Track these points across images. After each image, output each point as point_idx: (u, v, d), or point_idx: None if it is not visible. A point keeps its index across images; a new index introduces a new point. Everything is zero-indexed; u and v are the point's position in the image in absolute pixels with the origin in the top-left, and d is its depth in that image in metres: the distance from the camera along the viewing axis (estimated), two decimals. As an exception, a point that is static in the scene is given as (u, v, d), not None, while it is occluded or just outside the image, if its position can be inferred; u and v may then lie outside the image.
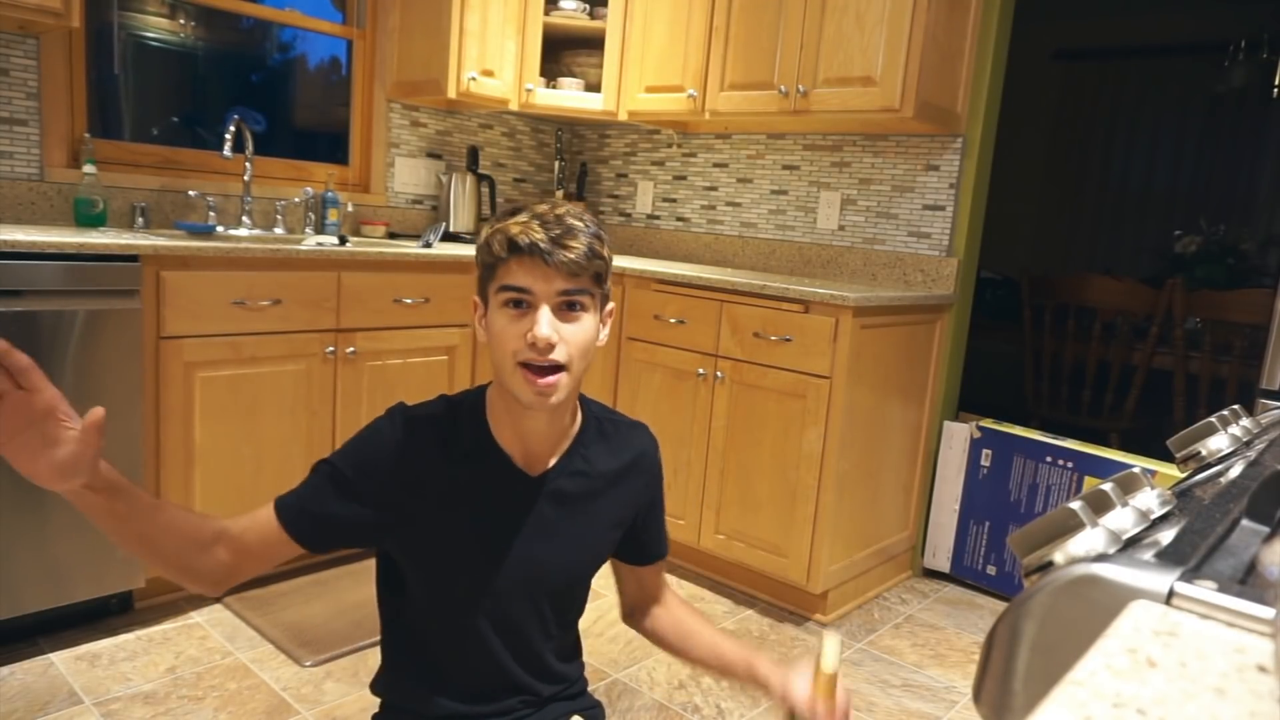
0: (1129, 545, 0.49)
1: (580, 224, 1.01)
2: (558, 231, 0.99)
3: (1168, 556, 0.46)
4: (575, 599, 1.23)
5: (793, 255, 3.26)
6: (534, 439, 1.10)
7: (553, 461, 1.12)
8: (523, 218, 1.00)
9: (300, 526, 1.04)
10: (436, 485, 1.07)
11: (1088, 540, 0.48)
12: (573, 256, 0.98)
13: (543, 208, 1.01)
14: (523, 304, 1.00)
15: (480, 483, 1.09)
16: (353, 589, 2.54)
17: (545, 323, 0.99)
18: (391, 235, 3.26)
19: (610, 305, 1.10)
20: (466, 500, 1.08)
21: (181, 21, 2.96)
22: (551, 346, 0.99)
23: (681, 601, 1.33)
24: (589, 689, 1.31)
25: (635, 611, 1.33)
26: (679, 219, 3.62)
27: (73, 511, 2.06)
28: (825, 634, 1.06)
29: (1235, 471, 0.71)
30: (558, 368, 1.01)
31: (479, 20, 3.06)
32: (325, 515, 1.05)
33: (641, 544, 1.25)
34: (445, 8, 3.00)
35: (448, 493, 1.07)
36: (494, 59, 3.15)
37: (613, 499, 1.18)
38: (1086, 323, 3.50)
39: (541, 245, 0.98)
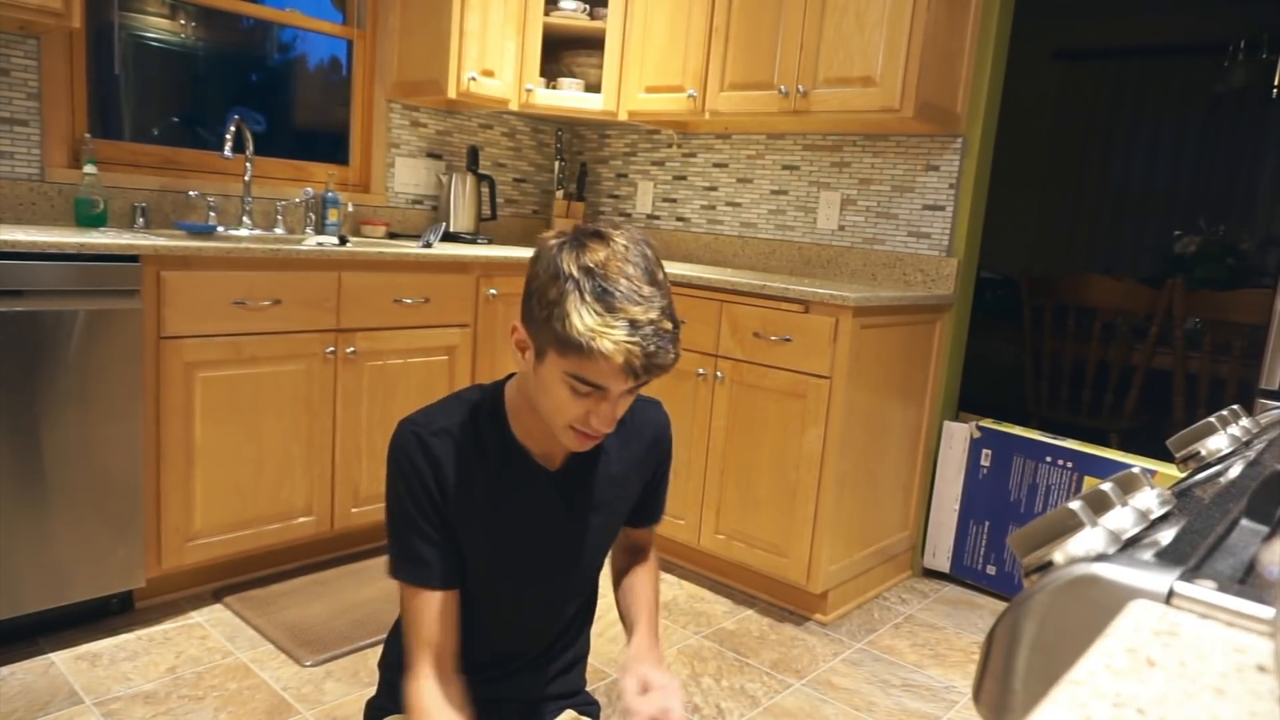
0: (1129, 545, 0.49)
1: (671, 328, 0.97)
2: (653, 348, 0.94)
3: (1167, 556, 0.46)
4: (589, 585, 1.26)
5: (792, 255, 3.26)
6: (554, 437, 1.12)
7: (569, 454, 1.15)
8: (620, 333, 0.93)
9: (451, 577, 1.10)
10: (467, 489, 1.09)
11: (1088, 540, 0.48)
12: (662, 374, 0.98)
13: (636, 310, 0.94)
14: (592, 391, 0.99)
15: (503, 480, 1.11)
16: (353, 589, 2.54)
17: (611, 420, 1.00)
18: (391, 235, 3.26)
19: None
20: (491, 498, 1.11)
21: (181, 21, 2.95)
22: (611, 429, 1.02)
23: (648, 565, 1.33)
24: (588, 688, 1.32)
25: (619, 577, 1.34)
26: (679, 219, 3.62)
27: (72, 511, 2.07)
28: None
29: (1235, 471, 0.71)
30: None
31: (479, 20, 3.06)
32: (443, 556, 1.09)
33: (643, 510, 1.30)
34: (445, 8, 3.00)
35: (475, 493, 1.10)
36: (494, 59, 3.15)
37: (626, 483, 1.21)
38: (1086, 323, 3.50)
39: (638, 370, 0.94)
